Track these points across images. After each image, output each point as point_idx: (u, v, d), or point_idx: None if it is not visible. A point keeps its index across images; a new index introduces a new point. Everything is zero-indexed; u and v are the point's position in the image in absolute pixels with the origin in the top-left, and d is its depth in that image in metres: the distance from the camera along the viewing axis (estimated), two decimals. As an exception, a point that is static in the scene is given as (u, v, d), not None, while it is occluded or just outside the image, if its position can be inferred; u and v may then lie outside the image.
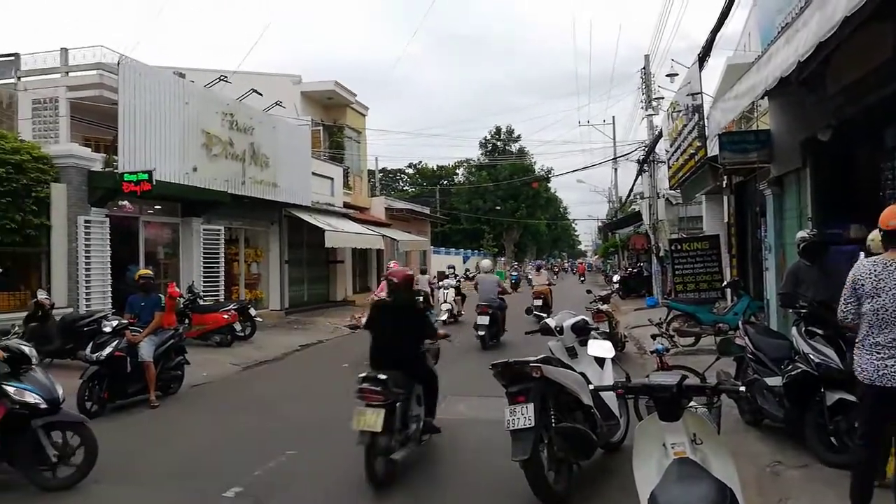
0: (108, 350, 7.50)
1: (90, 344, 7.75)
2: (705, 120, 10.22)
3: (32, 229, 11.00)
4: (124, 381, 7.78)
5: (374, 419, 4.89)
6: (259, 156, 16.55)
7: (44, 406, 5.16)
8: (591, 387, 4.19)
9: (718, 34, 9.78)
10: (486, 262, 15.34)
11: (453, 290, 17.40)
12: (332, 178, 22.37)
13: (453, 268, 21.16)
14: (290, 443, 6.33)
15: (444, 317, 15.83)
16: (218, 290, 15.10)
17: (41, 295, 10.14)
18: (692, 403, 3.50)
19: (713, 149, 10.69)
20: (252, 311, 13.87)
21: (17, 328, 8.62)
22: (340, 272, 23.56)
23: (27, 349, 5.49)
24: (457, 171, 63.93)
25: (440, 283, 18.57)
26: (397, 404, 5.17)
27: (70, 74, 16.19)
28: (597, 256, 65.55)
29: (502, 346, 12.60)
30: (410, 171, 66.17)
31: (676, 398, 3.15)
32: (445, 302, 16.74)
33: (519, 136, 59.68)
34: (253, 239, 18.59)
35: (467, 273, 44.63)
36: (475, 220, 53.87)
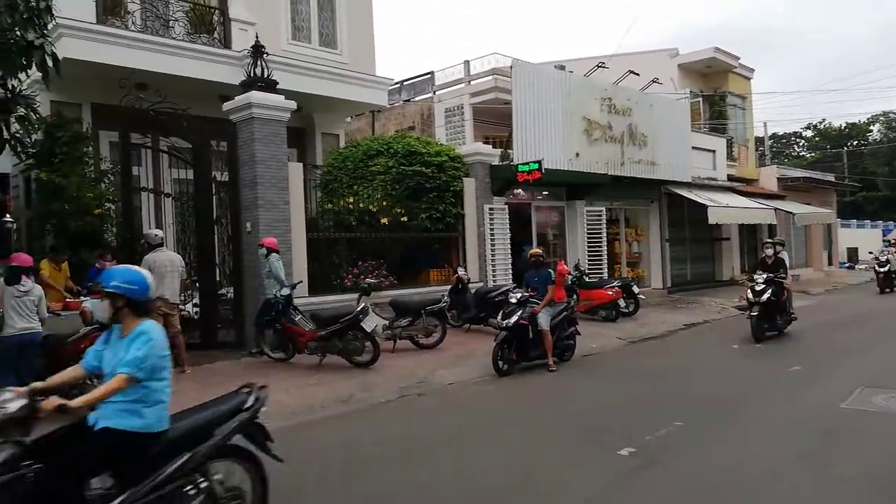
0: (513, 318, 8.65)
1: (499, 313, 9.05)
2: None
3: (451, 217, 13.23)
4: (527, 346, 8.88)
5: None
6: (637, 135, 16.73)
7: None
8: None
9: None
10: None
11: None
12: (713, 151, 21.22)
13: None
14: (678, 414, 6.42)
15: None
16: (601, 268, 15.86)
17: (460, 271, 12.21)
18: None
19: None
20: (635, 289, 14.18)
21: (445, 297, 10.61)
22: (726, 250, 22.24)
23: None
24: (871, 127, 53.72)
25: None
26: None
27: (472, 83, 18.77)
28: None
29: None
30: (809, 133, 58.08)
31: None
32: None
33: (964, 73, 47.00)
34: (633, 218, 18.91)
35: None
36: (898, 184, 44.50)
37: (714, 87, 23.74)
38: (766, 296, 10.66)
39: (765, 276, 10.87)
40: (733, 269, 22.31)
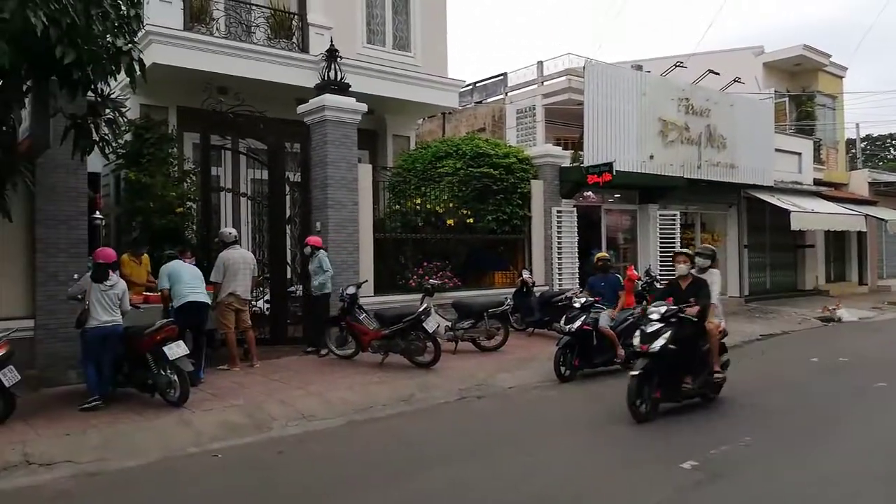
0: (577, 323, 8.52)
1: (563, 317, 8.93)
2: None
3: (518, 220, 13.15)
4: (590, 352, 8.73)
5: None
6: (715, 137, 16.14)
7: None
8: None
9: None
10: None
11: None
12: (799, 154, 20.20)
13: None
14: (747, 430, 6.18)
15: None
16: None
17: (525, 274, 12.11)
18: None
19: None
20: (708, 297, 13.66)
21: (508, 300, 10.56)
22: (810, 258, 21.11)
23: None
24: (978, 129, 49.59)
25: None
26: None
27: (544, 84, 18.60)
28: None
29: None
30: (907, 135, 54.24)
31: None
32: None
33: None
34: (709, 223, 18.25)
35: None
36: None
37: (802, 87, 22.61)
38: (658, 344, 6.37)
39: (664, 308, 6.69)
40: (817, 279, 21.17)
